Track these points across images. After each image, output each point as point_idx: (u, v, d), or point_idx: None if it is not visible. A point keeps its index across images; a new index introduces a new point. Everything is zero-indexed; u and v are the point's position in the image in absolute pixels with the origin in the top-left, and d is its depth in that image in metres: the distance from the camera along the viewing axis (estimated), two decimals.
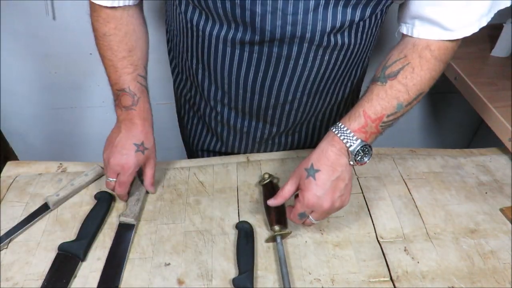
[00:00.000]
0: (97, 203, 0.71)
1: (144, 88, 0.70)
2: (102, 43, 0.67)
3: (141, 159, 0.69)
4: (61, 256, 0.63)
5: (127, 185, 0.69)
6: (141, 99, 0.69)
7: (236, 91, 0.72)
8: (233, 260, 0.64)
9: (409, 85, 0.59)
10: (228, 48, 0.64)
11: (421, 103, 1.53)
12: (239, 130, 0.81)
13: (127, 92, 0.68)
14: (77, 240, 0.65)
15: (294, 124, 0.79)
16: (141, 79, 0.69)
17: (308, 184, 0.58)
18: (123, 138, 0.68)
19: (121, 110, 0.69)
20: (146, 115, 0.70)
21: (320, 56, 0.64)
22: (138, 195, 0.71)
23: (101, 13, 0.65)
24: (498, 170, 0.80)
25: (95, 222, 0.67)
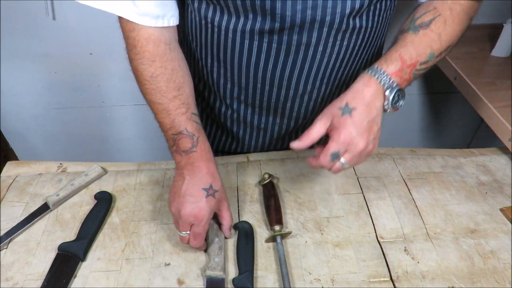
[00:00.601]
0: (97, 203, 0.70)
1: (200, 127, 0.65)
2: (149, 87, 0.62)
3: (213, 204, 0.62)
4: (61, 256, 0.63)
5: (203, 235, 0.62)
6: (200, 139, 0.63)
7: (254, 85, 0.71)
8: (233, 260, 0.64)
9: (442, 35, 0.59)
10: (246, 40, 0.64)
11: (421, 103, 1.53)
12: (256, 127, 0.80)
13: (185, 134, 0.62)
14: (77, 240, 0.64)
15: (312, 116, 0.78)
16: (196, 118, 0.64)
17: (344, 121, 0.56)
18: (189, 185, 0.61)
19: (181, 156, 0.62)
20: (208, 155, 0.63)
21: (339, 41, 0.64)
22: (219, 242, 0.64)
23: (145, 53, 0.61)
24: (498, 170, 0.80)
25: (95, 222, 0.67)
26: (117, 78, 1.27)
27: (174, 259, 0.64)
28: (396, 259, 0.63)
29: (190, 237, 0.61)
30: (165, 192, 0.74)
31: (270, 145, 0.85)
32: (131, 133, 1.46)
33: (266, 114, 0.77)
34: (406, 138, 1.65)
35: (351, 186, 0.75)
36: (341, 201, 0.72)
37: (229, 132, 0.84)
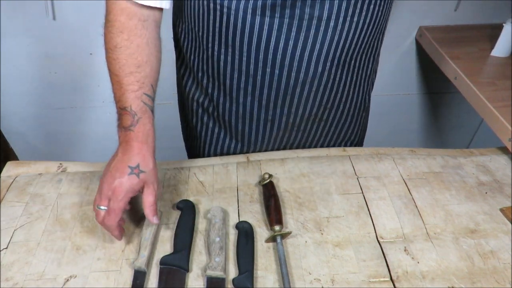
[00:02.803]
0: (182, 212, 0.68)
1: (148, 108, 0.65)
2: (111, 56, 0.64)
3: (136, 183, 0.61)
4: (166, 270, 0.61)
5: (118, 214, 0.61)
6: (141, 120, 0.63)
7: (263, 71, 0.70)
8: (233, 260, 0.64)
9: None
10: (257, 17, 0.64)
11: (421, 103, 1.53)
12: (262, 120, 0.79)
13: (128, 111, 0.63)
14: (176, 253, 0.63)
15: (320, 107, 0.78)
16: (146, 98, 0.64)
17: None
18: (118, 162, 0.62)
19: (121, 131, 0.64)
20: (144, 138, 0.63)
21: (350, 16, 0.65)
22: (220, 242, 0.64)
23: (115, 22, 0.62)
24: (498, 170, 0.80)
25: (188, 232, 0.66)
26: None
27: None
28: (396, 259, 0.63)
29: (105, 213, 0.61)
30: (165, 192, 0.74)
31: (275, 141, 0.84)
32: None
33: (273, 106, 0.76)
34: (406, 138, 1.65)
35: (351, 186, 0.75)
36: (341, 201, 0.72)
37: (232, 132, 0.83)
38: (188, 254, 0.63)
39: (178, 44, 0.82)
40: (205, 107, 0.83)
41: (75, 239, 0.66)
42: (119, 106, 0.64)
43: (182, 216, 0.68)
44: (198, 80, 0.81)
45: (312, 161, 0.81)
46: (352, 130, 0.88)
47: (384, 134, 1.62)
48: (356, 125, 0.88)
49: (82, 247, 0.65)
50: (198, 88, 0.82)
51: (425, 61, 1.36)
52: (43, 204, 0.72)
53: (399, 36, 1.30)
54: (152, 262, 0.63)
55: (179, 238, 0.65)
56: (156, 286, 0.60)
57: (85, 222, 0.69)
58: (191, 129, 0.91)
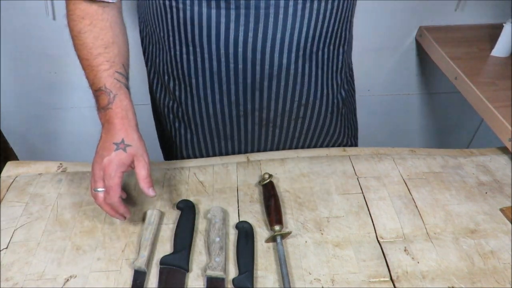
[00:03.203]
0: (182, 213, 0.68)
1: (122, 84, 0.65)
2: (78, 43, 0.64)
3: (124, 157, 0.62)
4: (166, 270, 0.61)
5: (115, 190, 0.61)
6: (118, 97, 0.63)
7: (227, 66, 0.69)
8: (233, 260, 0.64)
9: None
10: (212, 10, 0.63)
11: (421, 103, 1.53)
12: (235, 116, 0.77)
13: (103, 90, 0.63)
14: (176, 253, 0.63)
15: (294, 103, 0.76)
16: (119, 76, 0.65)
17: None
18: (103, 142, 0.63)
19: (101, 113, 0.64)
20: (124, 113, 0.63)
21: (309, 6, 0.64)
22: (220, 242, 0.64)
23: (76, 10, 0.63)
24: (498, 170, 0.80)
25: (188, 232, 0.66)
26: None
27: None
28: (396, 259, 0.63)
29: (104, 193, 0.62)
30: (165, 192, 0.74)
31: (254, 139, 0.82)
32: None
33: (243, 102, 0.74)
34: (406, 138, 1.65)
35: (351, 186, 0.75)
36: (341, 201, 0.72)
37: (206, 133, 0.82)
38: (188, 254, 0.63)
39: (145, 49, 0.82)
40: (175, 112, 0.82)
41: (75, 239, 0.66)
42: (94, 88, 0.65)
43: (182, 216, 0.68)
44: (165, 84, 0.79)
45: (312, 161, 0.80)
46: (335, 130, 0.87)
47: (384, 134, 1.62)
48: (339, 124, 0.86)
49: (82, 247, 0.65)
50: (167, 93, 0.81)
51: (425, 61, 1.36)
52: (43, 204, 0.72)
53: (399, 36, 1.30)
54: (152, 262, 0.63)
55: (179, 238, 0.65)
56: (156, 286, 0.60)
57: (85, 222, 0.69)
58: (165, 136, 0.90)
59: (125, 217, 0.66)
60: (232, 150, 0.85)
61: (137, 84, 1.31)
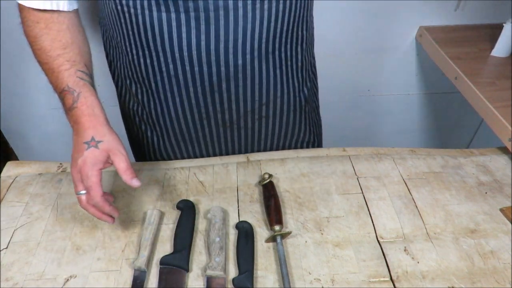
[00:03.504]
0: (182, 212, 0.68)
1: (86, 82, 0.63)
2: (35, 48, 0.63)
3: (98, 154, 0.60)
4: (166, 270, 0.61)
5: (96, 189, 0.59)
6: (82, 94, 0.61)
7: (183, 67, 0.68)
8: (233, 260, 0.64)
9: None
10: (162, 14, 0.62)
11: (421, 103, 1.53)
12: (197, 119, 0.76)
13: (67, 90, 0.61)
14: (176, 253, 0.63)
15: (255, 102, 0.75)
16: (81, 74, 0.63)
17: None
18: (75, 144, 0.61)
19: (68, 115, 0.62)
20: (90, 110, 0.62)
21: (259, 7, 0.63)
22: (220, 242, 0.64)
23: (30, 15, 0.62)
24: (498, 170, 0.80)
25: (188, 232, 0.66)
26: None
27: None
28: (396, 259, 0.63)
29: (86, 195, 0.60)
30: (165, 192, 0.74)
31: (220, 140, 0.81)
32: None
33: (204, 104, 0.73)
34: (406, 138, 1.65)
35: (351, 186, 0.75)
36: (341, 201, 0.72)
37: (171, 136, 0.81)
38: (188, 254, 0.63)
39: (108, 53, 0.81)
40: (140, 115, 0.81)
41: (75, 239, 0.66)
42: (58, 91, 0.63)
43: (182, 216, 0.68)
44: (128, 87, 0.79)
45: (312, 161, 0.81)
46: (301, 127, 0.86)
47: (384, 134, 1.62)
48: (303, 122, 0.86)
49: (82, 247, 0.65)
50: (131, 97, 0.80)
51: (425, 61, 1.36)
52: (43, 204, 0.72)
53: (399, 36, 1.30)
54: (152, 262, 0.63)
55: (179, 238, 0.65)
56: (156, 286, 0.60)
57: (85, 222, 0.69)
58: (134, 138, 0.90)
59: (113, 218, 0.64)
60: (200, 152, 0.84)
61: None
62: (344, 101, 1.49)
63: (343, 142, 0.98)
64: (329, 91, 1.44)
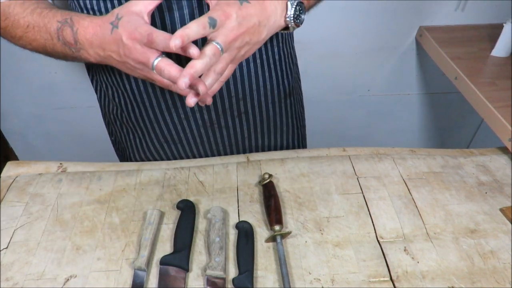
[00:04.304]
0: (182, 212, 0.68)
1: (71, 11, 0.60)
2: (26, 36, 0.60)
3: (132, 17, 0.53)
4: (165, 270, 0.61)
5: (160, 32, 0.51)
6: (74, 18, 0.57)
7: None
8: (233, 260, 0.64)
9: None
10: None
11: (421, 103, 1.53)
12: (176, 119, 0.75)
13: (60, 25, 0.57)
14: (176, 252, 0.63)
15: (231, 98, 0.73)
16: (64, 11, 0.59)
17: (233, 4, 0.52)
18: (104, 43, 0.54)
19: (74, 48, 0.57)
20: (91, 18, 0.57)
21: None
22: (220, 242, 0.64)
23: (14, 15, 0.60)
24: (498, 170, 0.80)
25: (188, 232, 0.65)
26: None
27: None
28: (396, 259, 0.63)
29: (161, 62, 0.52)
30: (165, 192, 0.74)
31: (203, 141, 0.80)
32: None
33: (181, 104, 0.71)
34: (406, 138, 1.65)
35: (351, 186, 0.75)
36: (341, 201, 0.72)
37: (152, 137, 0.80)
38: (188, 254, 0.63)
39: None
40: (119, 118, 0.81)
41: (75, 239, 0.66)
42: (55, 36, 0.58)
43: (182, 216, 0.68)
44: (105, 91, 0.78)
45: (312, 161, 0.81)
46: (282, 121, 0.85)
47: (384, 134, 1.62)
48: (285, 115, 0.85)
49: (82, 247, 0.65)
50: (110, 101, 0.80)
51: (425, 61, 1.36)
52: (43, 204, 0.72)
53: (399, 36, 1.30)
54: (152, 262, 0.63)
55: (179, 238, 0.65)
56: (156, 286, 0.60)
57: (85, 222, 0.69)
58: (117, 141, 0.89)
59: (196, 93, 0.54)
60: (184, 153, 0.84)
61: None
62: (344, 101, 1.49)
63: (343, 142, 0.98)
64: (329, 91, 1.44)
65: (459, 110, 1.53)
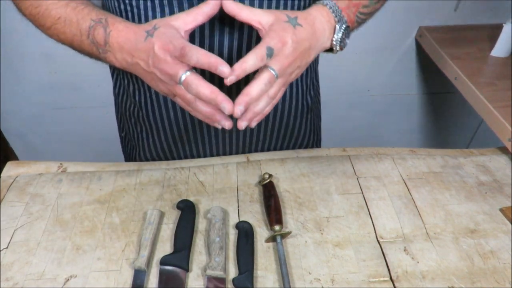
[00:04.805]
0: (182, 212, 0.68)
1: (107, 11, 0.59)
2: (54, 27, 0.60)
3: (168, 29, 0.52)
4: (166, 270, 0.61)
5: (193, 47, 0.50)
6: (109, 18, 0.57)
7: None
8: (233, 260, 0.64)
9: None
10: (167, 16, 0.60)
11: (421, 103, 1.53)
12: (197, 122, 0.75)
13: (93, 24, 0.56)
14: (176, 253, 0.63)
15: None
16: (98, 8, 0.59)
17: (286, 27, 0.51)
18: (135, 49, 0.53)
19: (106, 52, 0.57)
20: (127, 23, 0.56)
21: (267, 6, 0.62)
22: (220, 242, 0.64)
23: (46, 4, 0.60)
24: (498, 170, 0.80)
25: (188, 232, 0.65)
26: None
27: None
28: (396, 259, 0.63)
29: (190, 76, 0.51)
30: (165, 192, 0.74)
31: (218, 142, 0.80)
32: None
33: None
34: (406, 138, 1.65)
35: (351, 186, 0.75)
36: (341, 201, 0.72)
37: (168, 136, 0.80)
38: (188, 254, 0.63)
39: None
40: (135, 116, 0.81)
41: (75, 239, 0.66)
42: (86, 35, 0.57)
43: (182, 216, 0.68)
44: (125, 87, 0.78)
45: (312, 161, 0.81)
46: (300, 132, 0.86)
47: (384, 134, 1.62)
48: (303, 128, 0.86)
49: (82, 247, 0.65)
50: (128, 97, 0.80)
51: (425, 61, 1.36)
52: (43, 204, 0.72)
53: (399, 36, 1.30)
54: (152, 262, 0.63)
55: (179, 238, 0.65)
56: (156, 286, 0.60)
57: (85, 222, 0.69)
58: (127, 138, 0.89)
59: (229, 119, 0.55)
60: (197, 153, 0.84)
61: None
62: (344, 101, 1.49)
63: (343, 142, 0.98)
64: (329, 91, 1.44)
65: (459, 110, 1.53)
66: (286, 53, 0.52)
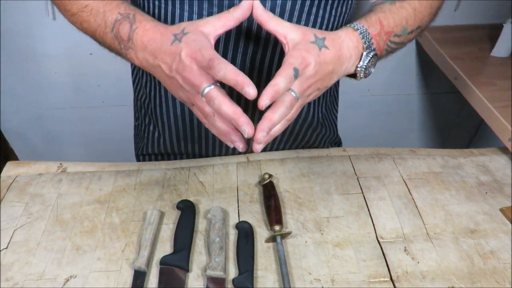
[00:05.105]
0: (182, 212, 0.68)
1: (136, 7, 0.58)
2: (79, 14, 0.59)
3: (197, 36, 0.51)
4: (166, 270, 0.61)
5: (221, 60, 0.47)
6: (138, 16, 0.55)
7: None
8: (233, 260, 0.64)
9: (416, 12, 0.58)
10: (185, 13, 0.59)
11: (421, 103, 1.53)
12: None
13: (120, 18, 0.55)
14: (176, 253, 0.63)
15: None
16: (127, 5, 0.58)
17: (312, 48, 0.50)
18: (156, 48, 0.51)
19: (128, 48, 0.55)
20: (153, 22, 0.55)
21: (305, 18, 0.61)
22: (220, 242, 0.63)
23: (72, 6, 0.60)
24: (498, 170, 0.80)
25: (188, 232, 0.65)
26: (117, 78, 1.27)
27: None
28: (396, 259, 0.63)
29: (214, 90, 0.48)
30: (165, 192, 0.74)
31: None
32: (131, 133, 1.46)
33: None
34: (406, 138, 1.65)
35: (351, 186, 0.75)
36: (341, 201, 0.72)
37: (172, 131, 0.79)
38: (188, 254, 0.63)
39: None
40: (145, 107, 0.81)
41: (75, 239, 0.66)
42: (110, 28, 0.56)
43: (182, 216, 0.68)
44: (140, 77, 0.78)
45: (312, 161, 0.81)
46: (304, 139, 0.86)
47: (384, 134, 1.62)
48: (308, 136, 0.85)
49: (82, 247, 0.65)
50: (141, 87, 0.80)
51: (425, 61, 1.36)
52: (43, 204, 0.72)
53: None
54: (152, 262, 0.63)
55: (179, 238, 0.65)
56: (156, 286, 0.60)
57: (85, 222, 0.69)
58: (138, 130, 0.90)
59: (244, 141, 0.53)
60: (199, 152, 0.83)
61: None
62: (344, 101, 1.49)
63: (343, 142, 0.98)
64: None
65: (459, 110, 1.53)
66: (308, 75, 0.50)
